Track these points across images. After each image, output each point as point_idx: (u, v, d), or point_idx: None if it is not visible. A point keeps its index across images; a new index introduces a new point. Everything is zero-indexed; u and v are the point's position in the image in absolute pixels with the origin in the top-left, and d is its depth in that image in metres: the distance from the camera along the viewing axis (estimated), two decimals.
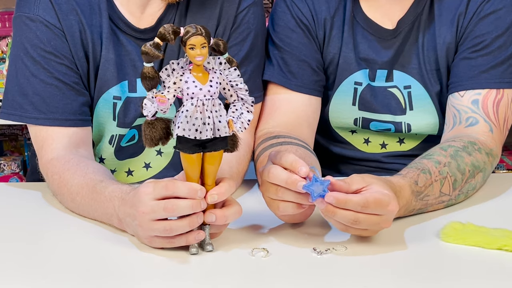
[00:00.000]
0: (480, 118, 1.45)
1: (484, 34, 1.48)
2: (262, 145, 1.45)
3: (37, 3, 1.41)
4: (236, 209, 1.14)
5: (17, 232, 1.25)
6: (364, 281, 1.05)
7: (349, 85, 1.57)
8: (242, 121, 1.11)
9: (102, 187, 1.24)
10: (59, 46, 1.40)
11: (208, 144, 1.09)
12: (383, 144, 1.62)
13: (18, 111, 1.41)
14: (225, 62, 1.10)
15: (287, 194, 1.13)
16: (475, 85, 1.47)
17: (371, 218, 1.12)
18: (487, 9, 1.48)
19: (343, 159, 1.66)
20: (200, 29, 1.06)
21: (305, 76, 1.54)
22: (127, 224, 1.17)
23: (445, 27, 1.51)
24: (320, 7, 1.55)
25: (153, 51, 1.07)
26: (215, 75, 1.09)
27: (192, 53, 1.06)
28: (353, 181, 1.14)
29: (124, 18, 1.44)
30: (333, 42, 1.56)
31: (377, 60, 1.54)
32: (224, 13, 1.48)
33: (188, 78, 1.08)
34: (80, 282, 1.06)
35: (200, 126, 1.07)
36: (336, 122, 1.62)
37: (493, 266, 1.09)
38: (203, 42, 1.06)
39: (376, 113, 1.58)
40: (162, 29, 1.07)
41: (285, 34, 1.55)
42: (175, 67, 1.09)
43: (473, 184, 1.36)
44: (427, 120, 1.57)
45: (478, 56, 1.48)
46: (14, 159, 2.98)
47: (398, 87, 1.55)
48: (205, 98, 1.07)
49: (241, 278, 1.07)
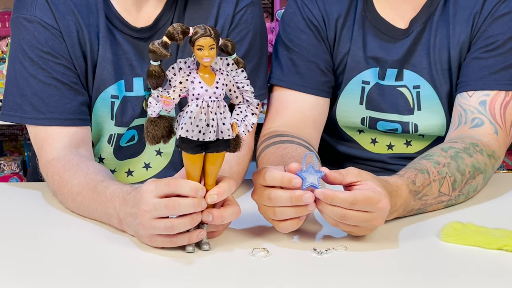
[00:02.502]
0: (486, 119, 1.45)
1: (497, 34, 1.48)
2: (265, 143, 1.46)
3: (34, 4, 1.41)
4: (234, 210, 1.14)
5: (17, 232, 1.25)
6: (364, 281, 1.05)
7: (356, 84, 1.57)
8: (246, 124, 1.10)
9: (103, 187, 1.24)
10: (56, 46, 1.41)
11: (210, 145, 1.09)
12: (390, 145, 1.62)
13: (18, 112, 1.41)
14: (232, 63, 1.10)
15: (286, 211, 1.13)
16: (484, 86, 1.47)
17: (360, 215, 1.12)
18: (502, 10, 1.48)
19: (349, 158, 1.67)
20: (209, 30, 1.06)
21: (314, 77, 1.55)
22: (128, 224, 1.17)
23: (459, 27, 1.50)
24: (331, 8, 1.55)
25: (160, 50, 1.06)
26: (222, 77, 1.09)
27: (200, 54, 1.06)
28: (349, 173, 1.15)
29: (121, 17, 1.45)
30: (343, 42, 1.56)
31: (387, 59, 1.54)
32: (221, 13, 1.49)
33: (195, 78, 1.08)
34: (80, 281, 1.06)
35: (203, 127, 1.07)
36: (343, 121, 1.62)
37: (493, 266, 1.09)
38: (211, 43, 1.05)
39: (383, 112, 1.58)
40: (171, 28, 1.06)
41: (295, 35, 1.56)
42: (182, 66, 1.08)
43: (473, 185, 1.36)
44: (434, 121, 1.57)
45: (489, 56, 1.48)
46: (14, 159, 2.98)
47: (407, 87, 1.55)
48: (210, 100, 1.07)
49: (241, 278, 1.07)
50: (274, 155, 1.39)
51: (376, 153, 1.64)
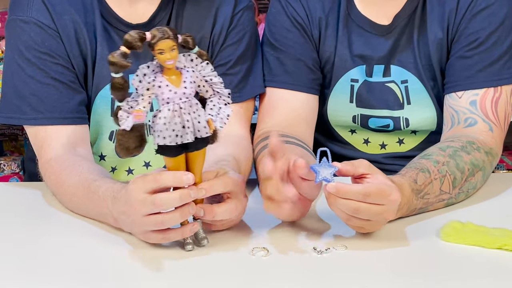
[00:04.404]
0: (479, 118, 1.45)
1: (478, 31, 1.48)
2: (260, 144, 1.46)
3: (30, 5, 1.42)
4: (228, 207, 1.14)
5: (17, 232, 1.25)
6: (364, 280, 1.05)
7: (345, 82, 1.57)
8: (222, 117, 1.09)
9: (96, 186, 1.24)
10: (53, 46, 1.41)
11: (190, 144, 1.07)
12: (383, 144, 1.63)
13: (17, 114, 1.42)
14: (196, 58, 1.08)
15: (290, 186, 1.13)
16: (473, 85, 1.47)
17: (373, 208, 1.11)
18: (479, 5, 1.48)
19: (343, 159, 1.66)
20: (167, 32, 1.03)
21: (302, 75, 1.55)
22: (122, 222, 1.17)
23: (435, 23, 1.51)
24: (314, 6, 1.56)
25: (120, 60, 1.04)
26: (188, 75, 1.07)
27: (162, 57, 1.03)
28: (361, 164, 1.14)
29: (115, 13, 1.46)
30: (328, 41, 1.56)
31: (373, 56, 1.55)
32: (220, 13, 1.50)
33: (161, 82, 1.05)
34: (80, 281, 1.06)
35: (180, 130, 1.05)
36: (335, 120, 1.62)
37: (493, 266, 1.09)
38: (172, 45, 1.03)
39: (373, 109, 1.58)
40: (128, 36, 1.04)
41: (281, 34, 1.56)
42: (146, 72, 1.05)
43: (473, 182, 1.36)
44: (425, 114, 1.57)
45: (474, 54, 1.48)
46: (14, 159, 2.98)
47: (395, 82, 1.56)
48: (182, 101, 1.05)
49: (241, 277, 1.07)
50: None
51: (369, 153, 1.64)
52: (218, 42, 1.51)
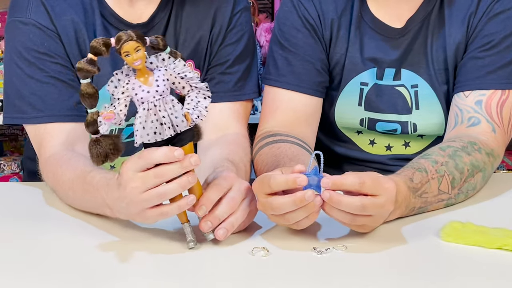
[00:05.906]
0: (482, 118, 1.45)
1: (493, 33, 1.48)
2: (259, 144, 1.46)
3: (30, 7, 1.43)
4: (225, 203, 1.14)
5: (17, 232, 1.25)
6: (364, 280, 1.05)
7: (355, 85, 1.57)
8: (200, 110, 1.10)
9: (91, 177, 1.24)
10: (52, 46, 1.42)
11: (174, 141, 1.09)
12: (388, 146, 1.62)
13: (19, 114, 1.43)
14: (169, 57, 1.10)
15: (296, 214, 1.12)
16: (481, 86, 1.47)
17: (376, 201, 1.11)
18: (496, 9, 1.48)
19: (347, 159, 1.66)
20: (130, 34, 1.06)
21: (308, 76, 1.54)
22: (118, 209, 1.16)
23: (455, 27, 1.50)
24: (327, 8, 1.55)
25: (87, 66, 1.07)
26: (160, 73, 1.09)
27: (129, 59, 1.06)
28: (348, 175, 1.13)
29: (115, 13, 1.46)
30: (340, 43, 1.55)
31: (385, 59, 1.54)
32: (219, 14, 1.51)
33: (134, 84, 1.08)
34: (80, 281, 1.06)
35: (158, 127, 1.07)
36: (342, 122, 1.61)
37: (493, 266, 1.09)
38: (136, 46, 1.06)
39: (382, 113, 1.57)
40: (94, 43, 1.07)
41: (291, 34, 1.55)
42: (120, 77, 1.09)
43: (472, 183, 1.35)
44: (433, 120, 1.56)
45: (486, 56, 1.48)
46: (14, 159, 2.98)
47: (405, 86, 1.55)
48: (155, 99, 1.08)
49: (241, 277, 1.07)
50: (268, 155, 1.40)
51: (374, 154, 1.64)
52: (217, 42, 1.51)
